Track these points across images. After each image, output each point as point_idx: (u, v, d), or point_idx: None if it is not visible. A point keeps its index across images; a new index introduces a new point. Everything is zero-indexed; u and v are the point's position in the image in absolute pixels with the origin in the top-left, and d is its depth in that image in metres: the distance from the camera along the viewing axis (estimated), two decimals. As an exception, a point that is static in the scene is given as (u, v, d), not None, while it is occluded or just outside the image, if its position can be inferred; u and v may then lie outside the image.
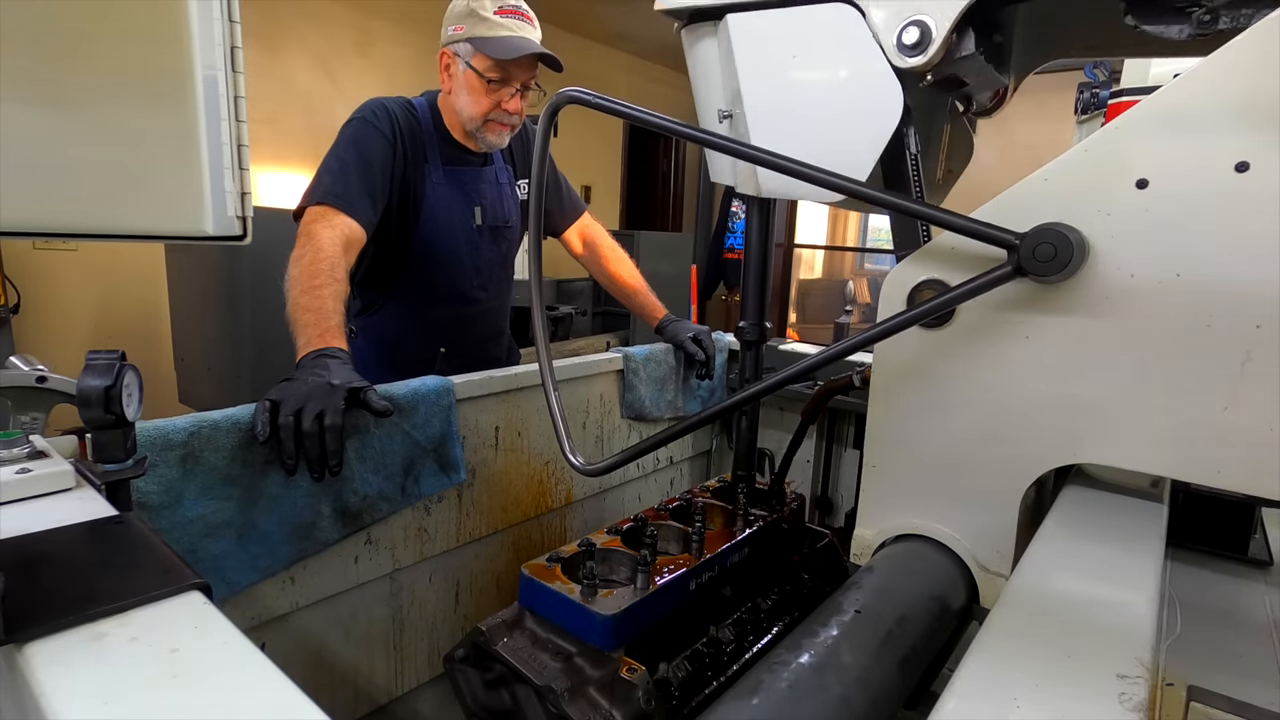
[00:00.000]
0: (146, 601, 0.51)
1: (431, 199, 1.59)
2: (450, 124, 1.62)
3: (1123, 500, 0.86)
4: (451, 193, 1.63)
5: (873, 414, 0.95)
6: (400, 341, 1.69)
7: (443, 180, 1.61)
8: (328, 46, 4.46)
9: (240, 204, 0.56)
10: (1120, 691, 0.49)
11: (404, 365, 1.64)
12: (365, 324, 1.72)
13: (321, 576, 1.13)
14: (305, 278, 1.22)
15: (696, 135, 0.92)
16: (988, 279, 0.76)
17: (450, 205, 1.62)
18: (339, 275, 1.26)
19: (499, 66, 1.50)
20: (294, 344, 1.14)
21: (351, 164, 1.46)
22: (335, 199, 1.40)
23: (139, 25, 0.51)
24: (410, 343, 1.70)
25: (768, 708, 0.60)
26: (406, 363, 1.66)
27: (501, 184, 1.73)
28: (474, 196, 1.67)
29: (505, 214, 1.73)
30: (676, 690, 0.98)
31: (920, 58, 0.84)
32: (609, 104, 0.93)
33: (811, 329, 7.35)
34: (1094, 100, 3.65)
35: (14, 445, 0.74)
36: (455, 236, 1.64)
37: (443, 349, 1.73)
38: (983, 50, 0.89)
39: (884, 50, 0.87)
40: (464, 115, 1.56)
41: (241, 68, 0.56)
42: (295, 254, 1.29)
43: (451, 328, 1.73)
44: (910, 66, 0.85)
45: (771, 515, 1.24)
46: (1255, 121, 0.65)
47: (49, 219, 0.51)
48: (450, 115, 1.61)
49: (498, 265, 1.77)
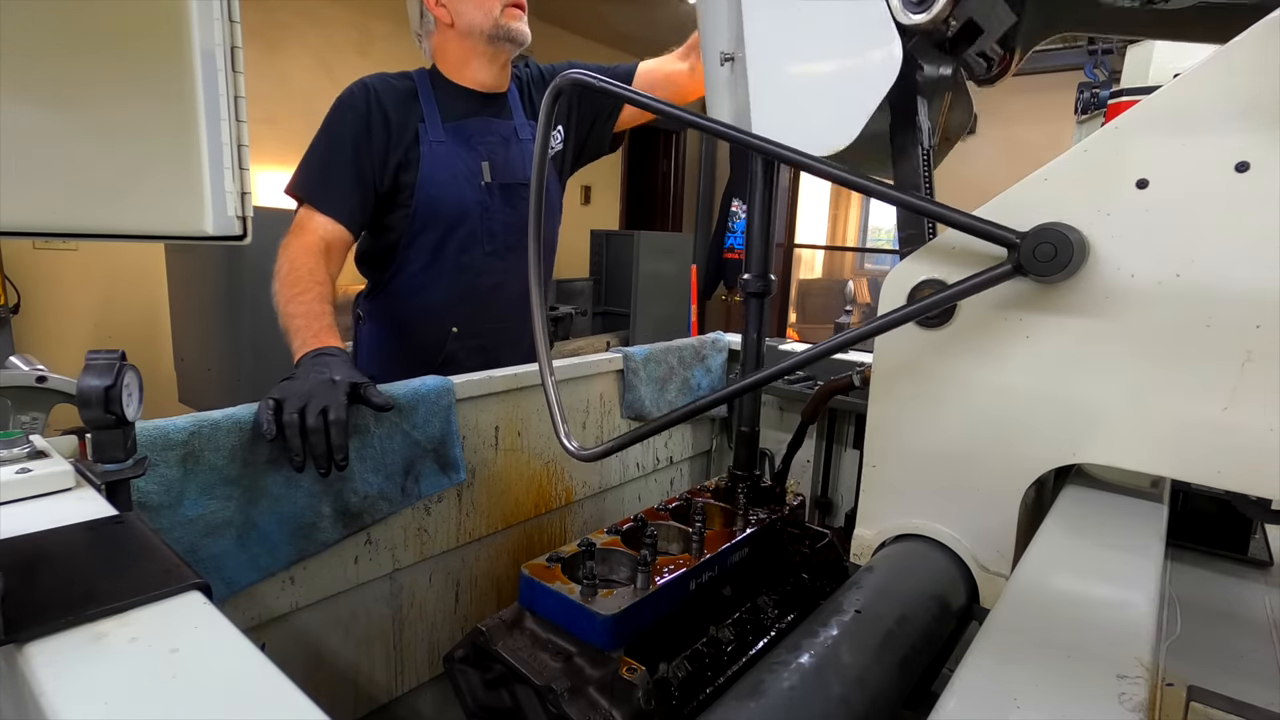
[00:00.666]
0: (146, 601, 0.51)
1: (429, 159, 1.47)
2: (453, 68, 1.53)
3: (1123, 500, 0.86)
4: (452, 149, 1.50)
5: (873, 414, 0.95)
6: (409, 321, 1.59)
7: (441, 137, 1.49)
8: (327, 46, 4.46)
9: (240, 204, 0.56)
10: (1120, 691, 0.49)
11: (414, 348, 1.57)
12: (373, 306, 1.63)
13: (321, 576, 1.13)
14: (286, 288, 1.25)
15: (698, 121, 0.92)
16: (987, 277, 0.76)
17: (452, 162, 1.49)
18: (320, 278, 1.27)
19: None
20: (290, 348, 1.16)
21: (323, 150, 1.44)
22: (309, 195, 1.40)
23: (139, 25, 0.51)
24: (419, 323, 1.59)
25: (768, 708, 0.60)
26: (417, 345, 1.57)
27: (522, 140, 1.58)
28: (480, 150, 1.52)
29: (524, 170, 1.56)
30: (676, 690, 0.98)
31: (925, 14, 0.84)
32: (613, 88, 0.93)
33: (811, 329, 7.35)
34: (1094, 100, 3.65)
35: (14, 445, 0.74)
36: (460, 196, 1.50)
37: (455, 328, 1.59)
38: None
39: (890, 7, 0.86)
40: (479, 23, 1.46)
41: (241, 68, 0.56)
42: (275, 267, 1.31)
43: (464, 303, 1.58)
44: (915, 23, 0.85)
45: (771, 515, 1.24)
46: (1255, 121, 0.65)
47: (49, 219, 0.51)
48: (454, 54, 1.52)
49: (515, 230, 1.58)
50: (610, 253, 5.29)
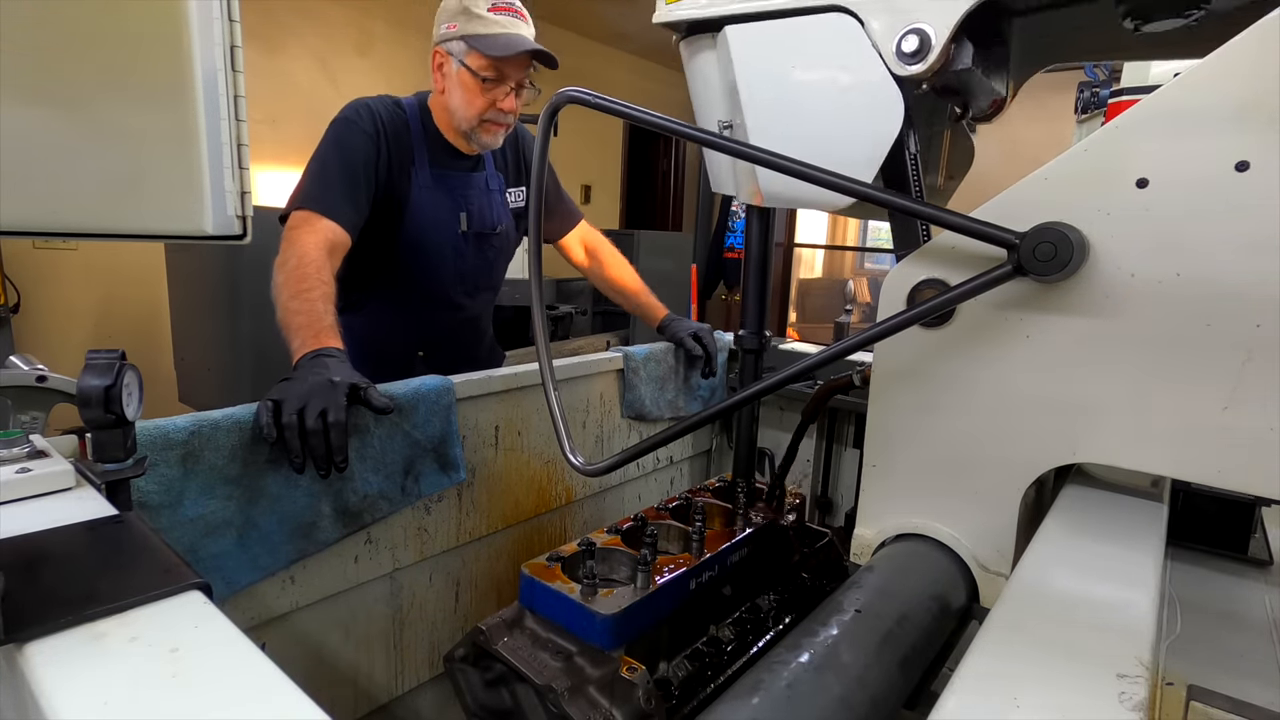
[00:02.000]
0: (146, 601, 0.51)
1: (417, 201, 1.57)
2: (442, 124, 1.60)
3: (1123, 500, 0.86)
4: (438, 196, 1.60)
5: (873, 413, 0.95)
6: (379, 342, 1.67)
7: (429, 183, 1.59)
8: (328, 46, 4.46)
9: (240, 203, 0.57)
10: (1120, 691, 0.49)
11: (382, 366, 1.60)
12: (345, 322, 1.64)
13: (321, 576, 1.13)
14: (293, 282, 1.23)
15: (696, 135, 0.92)
16: (988, 278, 0.76)
17: (436, 209, 1.60)
18: (325, 278, 1.26)
19: (493, 65, 1.49)
20: (288, 348, 1.15)
21: (334, 166, 1.45)
22: (316, 203, 1.39)
23: (139, 25, 0.51)
24: (389, 344, 1.69)
25: (767, 707, 0.60)
26: (384, 364, 1.62)
27: (491, 190, 1.71)
28: (460, 201, 1.64)
29: (493, 221, 1.70)
30: (676, 690, 0.98)
31: (920, 65, 0.84)
32: (608, 104, 0.93)
33: (811, 329, 7.35)
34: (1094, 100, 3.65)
35: (14, 445, 0.74)
36: (440, 241, 1.62)
37: (421, 353, 1.71)
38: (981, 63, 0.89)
39: (883, 59, 0.87)
40: (458, 115, 1.55)
41: (241, 68, 0.56)
42: (279, 260, 1.29)
43: (431, 331, 1.71)
44: (910, 74, 0.86)
45: (771, 515, 1.24)
46: (1255, 121, 0.65)
47: (49, 219, 0.51)
48: (442, 115, 1.59)
49: (483, 272, 1.74)
50: (610, 253, 5.29)
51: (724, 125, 1.03)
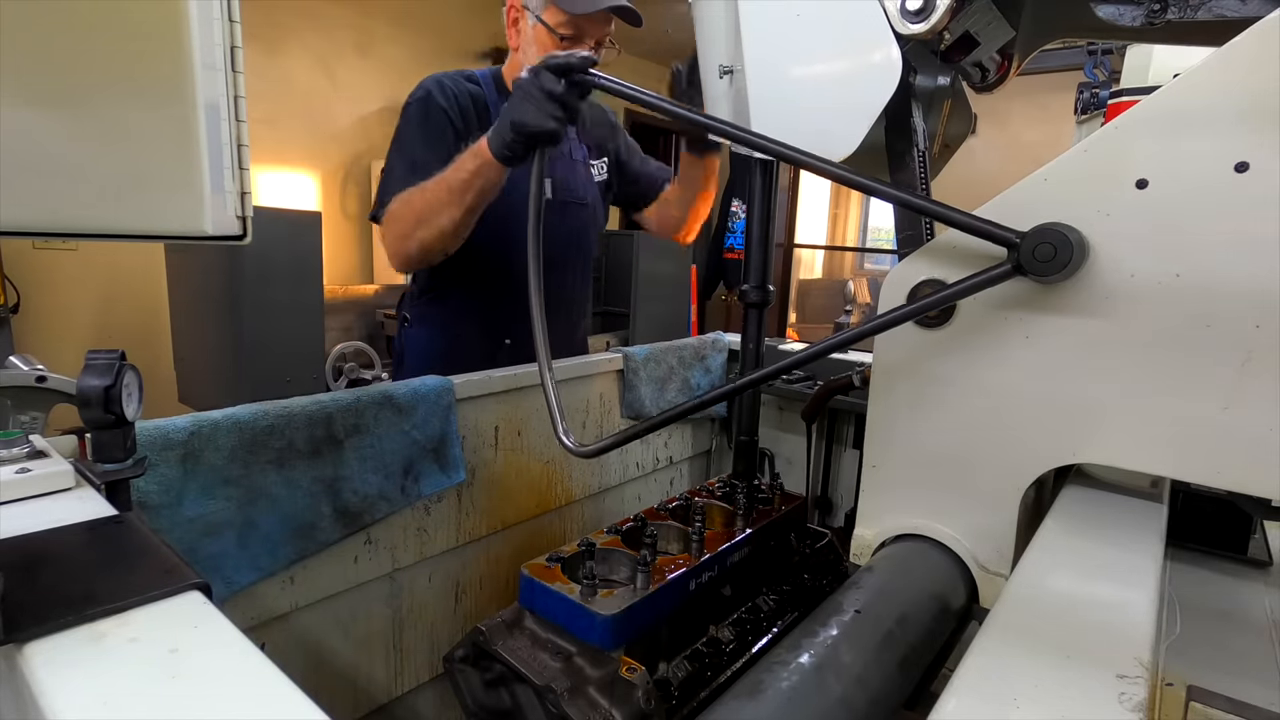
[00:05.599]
0: (146, 601, 0.51)
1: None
2: None
3: (1123, 500, 0.86)
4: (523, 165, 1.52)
5: (872, 414, 0.95)
6: (463, 332, 1.60)
7: None
8: (327, 47, 4.45)
9: (240, 204, 0.57)
10: (1120, 691, 0.49)
11: (465, 356, 1.54)
12: (424, 311, 1.60)
13: (321, 576, 1.13)
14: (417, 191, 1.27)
15: (701, 119, 0.92)
16: (987, 277, 0.76)
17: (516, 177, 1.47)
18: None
19: (572, 22, 1.40)
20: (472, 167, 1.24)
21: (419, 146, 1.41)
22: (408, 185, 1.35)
23: (139, 25, 0.51)
24: (473, 332, 1.61)
25: (767, 708, 0.60)
26: (468, 353, 1.56)
27: (575, 160, 1.62)
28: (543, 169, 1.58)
29: (579, 190, 1.61)
30: (676, 690, 0.98)
31: (924, 24, 0.84)
32: (618, 86, 0.94)
33: (811, 329, 7.34)
34: (1094, 100, 3.65)
35: (13, 445, 0.74)
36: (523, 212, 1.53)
37: (508, 340, 1.61)
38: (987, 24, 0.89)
39: (888, 16, 0.86)
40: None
41: (241, 68, 0.56)
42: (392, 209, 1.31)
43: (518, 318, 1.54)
44: (913, 33, 0.85)
45: (771, 515, 1.24)
46: (1255, 121, 0.65)
47: (49, 219, 0.51)
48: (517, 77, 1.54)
49: (572, 245, 1.63)
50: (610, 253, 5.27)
51: (725, 70, 1.04)
